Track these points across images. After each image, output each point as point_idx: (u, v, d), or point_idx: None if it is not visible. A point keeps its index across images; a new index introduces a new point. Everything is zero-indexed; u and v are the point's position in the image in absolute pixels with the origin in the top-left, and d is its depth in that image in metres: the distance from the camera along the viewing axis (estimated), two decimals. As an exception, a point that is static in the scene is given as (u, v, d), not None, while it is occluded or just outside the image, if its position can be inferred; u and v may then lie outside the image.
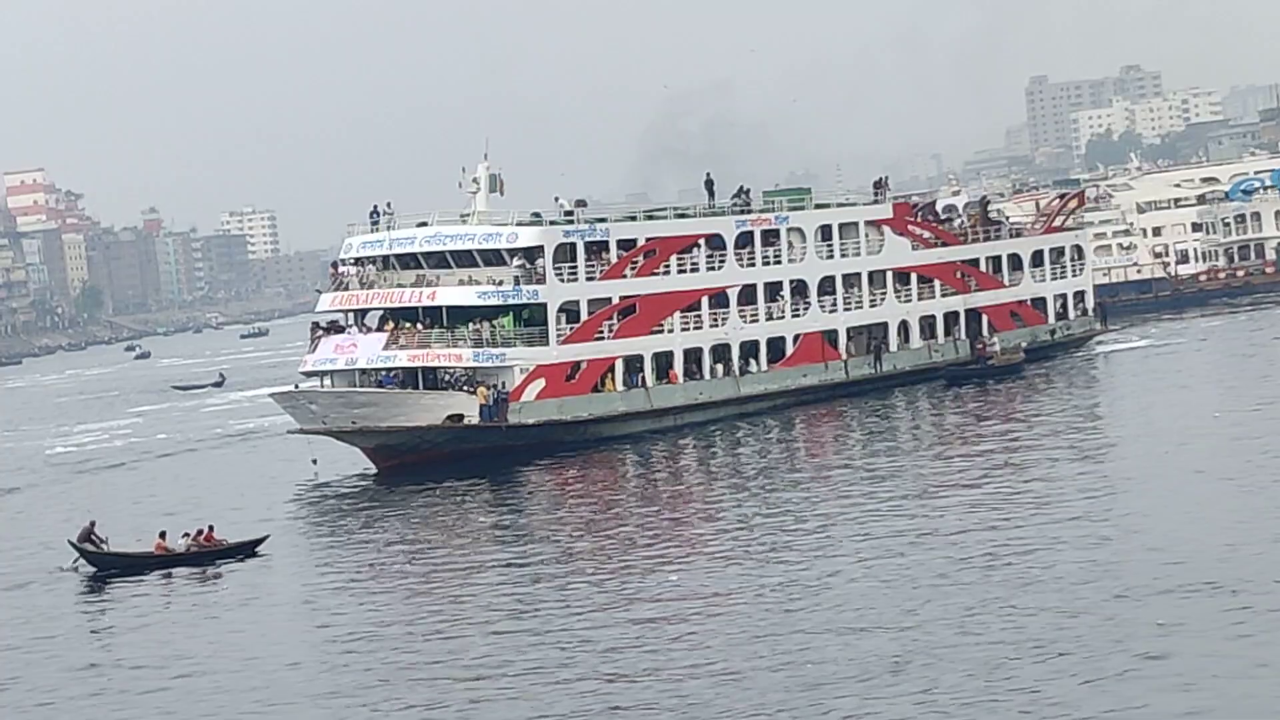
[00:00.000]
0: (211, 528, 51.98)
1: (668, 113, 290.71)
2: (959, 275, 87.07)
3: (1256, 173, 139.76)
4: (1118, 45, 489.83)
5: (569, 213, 75.23)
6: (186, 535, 51.43)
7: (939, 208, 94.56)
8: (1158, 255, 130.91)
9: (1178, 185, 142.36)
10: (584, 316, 72.90)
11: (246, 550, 51.43)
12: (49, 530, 59.48)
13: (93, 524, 51.64)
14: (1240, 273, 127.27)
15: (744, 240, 79.11)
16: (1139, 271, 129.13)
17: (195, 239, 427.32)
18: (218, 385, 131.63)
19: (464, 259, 72.66)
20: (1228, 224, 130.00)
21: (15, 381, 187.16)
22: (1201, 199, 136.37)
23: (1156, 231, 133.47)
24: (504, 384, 70.02)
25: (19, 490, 74.44)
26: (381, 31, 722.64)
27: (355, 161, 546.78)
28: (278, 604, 45.35)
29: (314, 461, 68.55)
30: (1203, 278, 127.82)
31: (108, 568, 50.54)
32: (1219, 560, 39.04)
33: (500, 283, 71.71)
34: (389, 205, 75.44)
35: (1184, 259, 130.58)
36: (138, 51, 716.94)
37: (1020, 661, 32.71)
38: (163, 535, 51.19)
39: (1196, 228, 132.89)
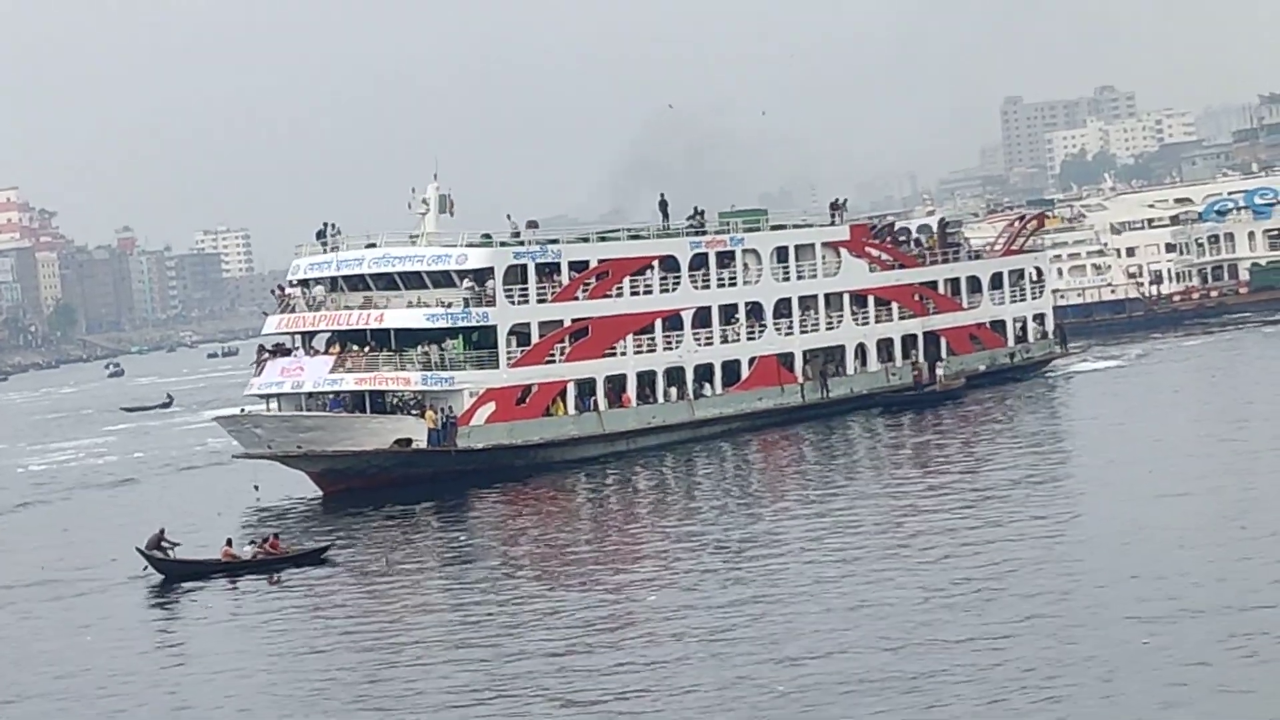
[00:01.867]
0: (277, 535, 53.02)
1: (654, 125, 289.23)
2: (917, 298, 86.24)
3: (1230, 193, 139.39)
4: (1093, 64, 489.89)
5: (516, 233, 74.30)
6: (253, 543, 52.30)
7: (899, 229, 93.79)
8: (1132, 275, 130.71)
9: (1152, 206, 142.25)
10: (535, 339, 71.97)
11: (311, 559, 52.02)
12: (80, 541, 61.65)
13: (162, 531, 51.98)
14: (1214, 293, 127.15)
15: (698, 262, 78.19)
16: (1113, 292, 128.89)
17: (169, 257, 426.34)
18: (165, 406, 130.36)
19: (413, 280, 71.75)
20: (1201, 244, 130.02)
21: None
22: (1175, 219, 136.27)
23: (1131, 252, 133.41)
24: (453, 408, 69.07)
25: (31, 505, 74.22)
26: (362, 16, 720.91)
27: (332, 161, 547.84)
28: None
29: (256, 487, 67.62)
30: (1177, 298, 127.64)
31: (176, 575, 50.92)
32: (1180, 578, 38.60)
33: (449, 305, 70.78)
34: (334, 226, 74.43)
35: (1158, 279, 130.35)
36: (110, 48, 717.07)
37: (1017, 684, 32.26)
38: (229, 543, 52.08)
39: (1170, 248, 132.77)
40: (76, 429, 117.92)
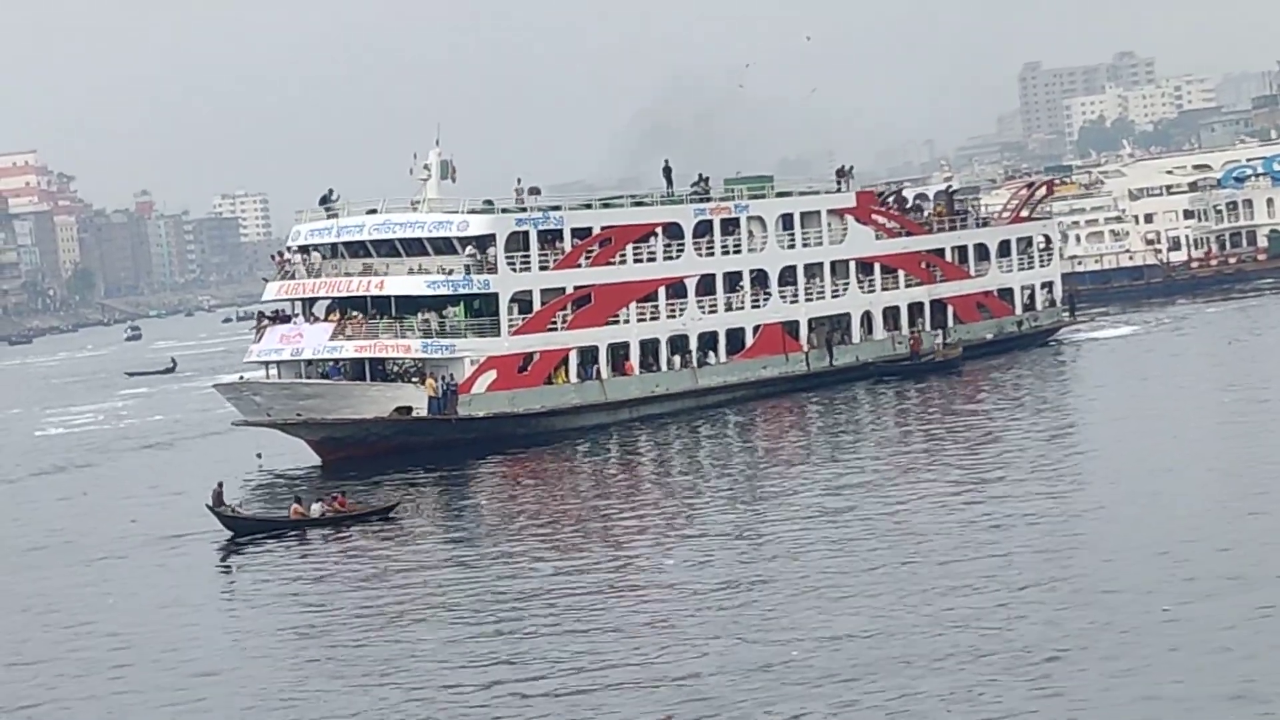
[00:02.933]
0: (344, 493, 54.08)
1: (669, 91, 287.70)
2: (924, 265, 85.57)
3: (1249, 160, 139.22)
4: (1112, 30, 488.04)
5: (520, 200, 73.68)
6: (321, 501, 52.94)
7: (917, 195, 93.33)
8: (1150, 242, 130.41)
9: (1170, 172, 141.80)
10: (537, 307, 71.45)
11: (379, 515, 52.52)
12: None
13: (221, 485, 52.39)
14: (1232, 260, 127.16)
15: (703, 229, 77.59)
16: (1131, 258, 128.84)
17: (187, 221, 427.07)
18: (169, 371, 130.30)
19: (414, 247, 71.23)
20: (1220, 211, 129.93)
21: (7, 361, 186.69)
22: (1194, 186, 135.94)
23: (1149, 218, 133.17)
24: (453, 376, 68.63)
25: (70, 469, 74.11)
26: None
27: (349, 127, 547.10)
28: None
29: (259, 455, 67.28)
30: (1195, 265, 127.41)
31: (246, 531, 51.42)
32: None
33: (450, 272, 70.27)
34: (333, 192, 73.93)
35: (1176, 246, 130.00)
36: (128, 10, 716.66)
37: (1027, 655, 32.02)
38: (299, 500, 53.04)
39: (1189, 215, 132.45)
40: (92, 394, 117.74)
